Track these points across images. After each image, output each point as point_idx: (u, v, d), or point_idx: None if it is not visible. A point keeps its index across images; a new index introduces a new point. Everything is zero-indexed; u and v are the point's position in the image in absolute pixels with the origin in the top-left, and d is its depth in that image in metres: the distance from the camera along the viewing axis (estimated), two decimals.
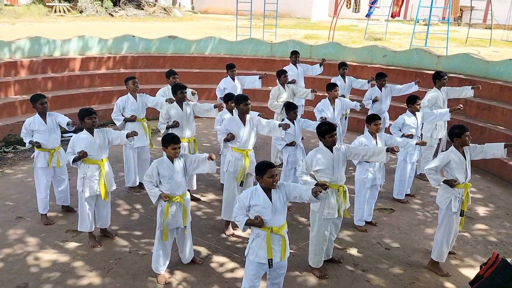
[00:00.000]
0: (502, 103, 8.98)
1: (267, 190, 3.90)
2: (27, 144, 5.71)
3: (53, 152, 5.73)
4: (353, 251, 5.43)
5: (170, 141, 4.51)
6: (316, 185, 4.08)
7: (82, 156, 5.02)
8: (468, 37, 19.93)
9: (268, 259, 3.88)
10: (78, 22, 27.92)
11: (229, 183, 5.62)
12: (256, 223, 3.83)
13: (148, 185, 4.60)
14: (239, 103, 5.43)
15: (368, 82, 8.65)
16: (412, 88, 7.95)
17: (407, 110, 6.62)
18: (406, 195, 6.92)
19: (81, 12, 35.02)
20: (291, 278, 4.78)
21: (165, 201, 4.54)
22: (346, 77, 8.74)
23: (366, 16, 22.53)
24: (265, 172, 3.83)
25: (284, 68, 9.07)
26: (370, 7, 21.83)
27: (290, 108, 6.20)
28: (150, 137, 6.87)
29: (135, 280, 4.74)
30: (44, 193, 5.79)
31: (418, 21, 35.92)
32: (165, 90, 7.38)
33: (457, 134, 4.80)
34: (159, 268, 4.73)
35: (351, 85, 8.81)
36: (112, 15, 34.98)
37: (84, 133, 5.14)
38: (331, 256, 5.12)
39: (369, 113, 8.09)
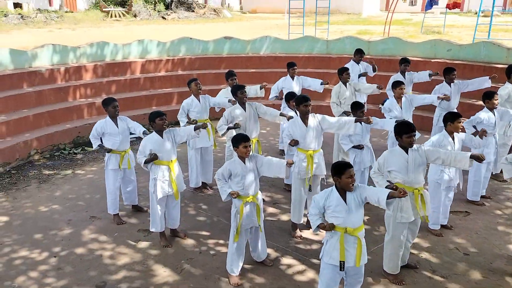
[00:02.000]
0: None
1: (342, 191, 3.79)
2: (94, 147, 5.85)
3: (123, 154, 5.87)
4: (430, 256, 5.18)
5: (241, 140, 4.50)
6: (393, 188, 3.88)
7: (153, 158, 5.11)
8: None
9: (340, 261, 3.75)
10: (133, 26, 28.82)
11: (296, 184, 5.53)
12: (326, 228, 3.74)
13: (220, 181, 4.61)
14: (299, 104, 5.32)
15: (430, 76, 8.27)
16: (485, 83, 7.52)
17: (484, 107, 6.25)
18: (481, 197, 6.53)
19: (135, 16, 36.17)
20: (365, 284, 4.61)
21: (234, 197, 4.53)
22: (406, 73, 8.40)
23: (425, 9, 21.63)
24: (344, 173, 3.72)
25: (346, 65, 8.87)
26: (431, 1, 20.90)
27: (356, 107, 6.01)
28: (214, 137, 6.90)
29: (207, 281, 4.76)
30: (114, 194, 5.95)
31: (475, 12, 34.30)
32: (225, 92, 7.39)
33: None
34: (234, 269, 4.72)
35: (412, 80, 8.45)
36: (164, 18, 35.88)
37: (154, 135, 5.21)
38: (407, 262, 4.91)
39: (437, 110, 7.82)
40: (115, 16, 34.44)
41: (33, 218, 6.15)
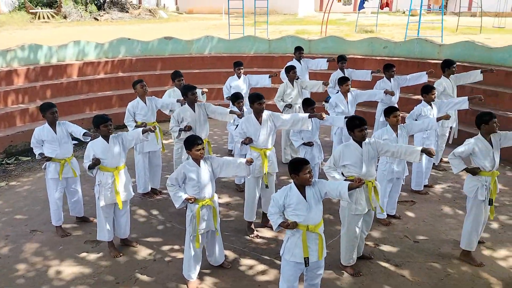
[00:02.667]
0: (509, 89, 8.96)
1: (301, 188, 3.78)
2: (37, 156, 5.48)
3: (63, 162, 5.51)
4: (383, 247, 5.32)
5: (193, 143, 4.36)
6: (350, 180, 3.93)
7: (95, 164, 4.84)
8: (458, 25, 20.01)
9: (304, 258, 3.75)
10: (64, 28, 27.47)
11: (250, 183, 5.47)
12: (289, 227, 3.72)
13: (171, 188, 4.44)
14: (253, 102, 5.29)
15: (371, 74, 8.54)
16: (422, 78, 7.86)
17: (422, 101, 6.53)
18: (425, 186, 6.83)
19: (65, 17, 34.49)
20: (324, 278, 4.62)
21: (191, 203, 4.39)
22: (345, 70, 8.62)
23: (358, 9, 22.43)
24: (301, 169, 3.71)
25: (289, 63, 8.95)
26: (363, 1, 21.69)
27: (308, 104, 6.05)
28: (161, 141, 6.68)
29: None
30: (56, 205, 5.58)
31: (403, 12, 36.00)
32: (170, 93, 7.18)
33: (485, 121, 4.72)
34: (192, 275, 4.57)
35: (350, 77, 8.66)
36: (97, 19, 34.54)
37: (99, 140, 4.94)
38: (362, 253, 5.00)
39: (379, 105, 8.09)
40: (43, 18, 32.65)
41: None
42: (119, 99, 10.62)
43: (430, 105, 6.48)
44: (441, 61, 10.14)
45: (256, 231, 5.66)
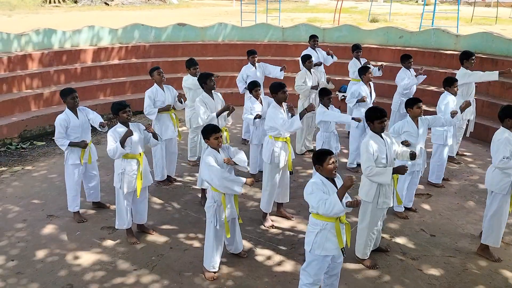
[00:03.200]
0: None
1: (331, 180, 3.74)
2: (65, 149, 5.43)
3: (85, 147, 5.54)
4: (399, 240, 5.30)
5: (211, 131, 4.33)
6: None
7: (129, 134, 4.77)
8: (473, 16, 19.68)
9: (341, 249, 3.74)
10: (74, 12, 27.48)
11: (272, 174, 5.40)
12: (355, 205, 3.54)
13: (225, 174, 4.27)
14: (277, 91, 5.25)
15: (379, 70, 8.41)
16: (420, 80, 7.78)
17: (445, 92, 6.43)
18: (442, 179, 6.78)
19: (75, 2, 34.52)
20: (342, 270, 4.64)
21: (250, 185, 4.39)
22: (361, 59, 8.54)
23: None
24: (325, 160, 3.67)
25: (304, 52, 8.88)
26: None
27: (324, 94, 6.01)
28: (178, 128, 6.68)
29: (181, 277, 4.60)
30: (75, 191, 5.61)
31: (416, 1, 35.44)
32: (186, 79, 7.11)
33: (510, 115, 4.64)
34: (215, 265, 4.58)
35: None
36: (107, 4, 34.53)
37: (120, 127, 4.93)
38: (378, 246, 4.99)
39: (395, 96, 8.00)
40: (54, 2, 32.66)
41: None
42: (132, 85, 10.62)
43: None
44: (458, 52, 10.14)
45: (272, 221, 5.66)
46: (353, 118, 6.13)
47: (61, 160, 7.62)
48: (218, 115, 5.70)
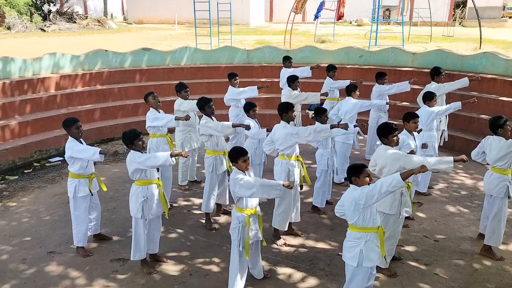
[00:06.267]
0: (483, 93, 9.61)
1: None
2: (99, 156, 5.01)
3: (93, 177, 5.32)
4: (407, 247, 5.55)
5: (240, 154, 4.38)
6: None
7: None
8: (409, 35, 21.14)
9: (384, 257, 3.89)
10: (10, 39, 26.11)
11: (287, 193, 5.43)
12: (422, 170, 3.81)
13: (259, 180, 4.34)
14: (287, 110, 5.39)
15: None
16: (405, 87, 8.25)
17: (423, 106, 6.88)
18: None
19: (9, 28, 32.81)
20: None
21: (290, 188, 4.37)
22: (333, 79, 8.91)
23: (314, 19, 23.02)
24: (362, 172, 3.85)
25: (281, 72, 9.17)
26: (318, 10, 22.29)
27: (322, 112, 6.21)
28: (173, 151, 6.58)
29: None
30: (85, 224, 5.36)
31: (350, 22, 37.39)
32: (179, 103, 7.08)
33: (500, 125, 5.09)
34: None
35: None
36: (44, 30, 33.16)
37: (137, 153, 4.80)
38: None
39: (372, 112, 8.42)
40: None
41: None
42: (101, 112, 10.29)
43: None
44: (415, 69, 10.89)
45: (283, 239, 5.71)
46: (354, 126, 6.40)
47: (42, 193, 7.26)
48: (234, 126, 5.77)
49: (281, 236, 5.73)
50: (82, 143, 5.24)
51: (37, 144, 8.82)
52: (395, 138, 4.68)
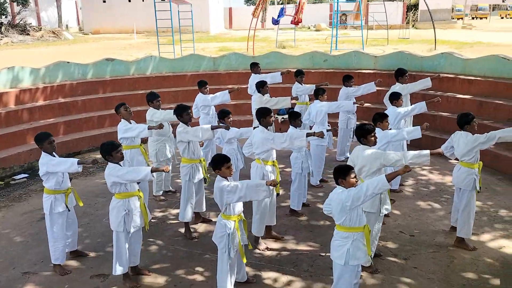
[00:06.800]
0: (443, 92, 10.03)
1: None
2: (79, 168, 4.87)
3: (69, 192, 5.16)
4: (385, 243, 5.70)
5: (223, 161, 4.38)
6: None
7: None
8: (367, 38, 21.76)
9: (370, 255, 3.98)
10: None
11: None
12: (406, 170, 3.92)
13: (246, 183, 4.31)
14: (265, 116, 5.43)
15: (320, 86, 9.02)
16: (372, 88, 8.50)
17: (390, 106, 7.10)
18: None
19: None
20: None
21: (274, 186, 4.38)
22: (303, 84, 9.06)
23: (273, 24, 23.30)
24: (348, 174, 3.94)
25: (250, 79, 9.23)
26: (279, 16, 22.58)
27: (296, 116, 6.29)
28: (147, 162, 6.50)
29: None
30: (63, 241, 5.18)
31: (309, 27, 38.07)
32: (151, 113, 6.98)
33: (467, 122, 5.34)
34: None
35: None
36: None
37: (115, 166, 4.71)
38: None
39: (341, 114, 8.61)
40: None
41: None
42: (65, 125, 10.00)
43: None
44: (377, 71, 11.22)
45: (264, 243, 5.73)
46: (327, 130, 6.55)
47: (9, 212, 6.98)
48: (213, 128, 5.80)
49: (261, 241, 5.74)
50: (55, 157, 5.07)
51: (0, 161, 8.46)
52: (373, 138, 4.81)
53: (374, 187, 3.80)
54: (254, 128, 6.05)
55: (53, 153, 5.10)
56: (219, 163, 4.37)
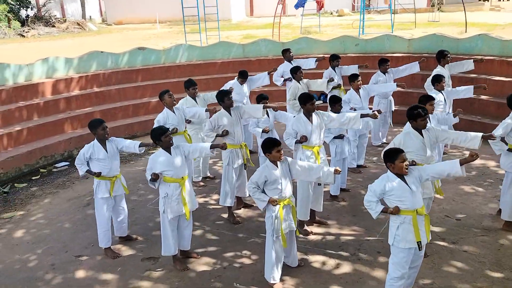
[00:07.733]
0: (481, 75, 9.78)
1: (401, 176, 3.96)
2: (81, 173, 5.20)
3: (114, 179, 5.26)
4: (432, 228, 5.62)
5: (273, 145, 4.39)
6: None
7: (154, 179, 4.68)
8: (394, 22, 21.35)
9: (417, 242, 3.94)
10: None
11: (303, 183, 5.50)
12: (394, 212, 3.90)
13: (254, 191, 4.44)
14: (305, 102, 5.40)
15: (359, 68, 8.92)
16: (414, 68, 8.38)
17: (433, 89, 6.98)
18: None
19: None
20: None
21: (274, 205, 4.40)
22: (336, 69, 8.96)
23: (298, 7, 22.88)
24: (397, 158, 3.90)
25: (280, 66, 9.17)
26: (300, 2, 22.25)
27: (335, 101, 6.24)
28: None
29: None
30: (107, 225, 5.31)
31: (331, 13, 37.54)
32: (183, 102, 7.05)
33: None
34: (275, 277, 4.57)
35: (341, 73, 8.97)
36: (23, 36, 32.51)
37: (162, 153, 4.79)
38: None
39: (376, 98, 8.51)
40: None
41: (4, 274, 5.15)
42: (101, 114, 10.12)
43: (441, 93, 6.88)
44: (411, 54, 11.02)
45: (307, 227, 5.75)
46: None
47: (55, 199, 7.16)
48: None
49: (305, 226, 5.76)
50: (105, 146, 5.20)
51: (42, 150, 8.68)
52: (423, 121, 4.74)
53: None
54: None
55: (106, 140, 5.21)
56: (269, 147, 4.38)
